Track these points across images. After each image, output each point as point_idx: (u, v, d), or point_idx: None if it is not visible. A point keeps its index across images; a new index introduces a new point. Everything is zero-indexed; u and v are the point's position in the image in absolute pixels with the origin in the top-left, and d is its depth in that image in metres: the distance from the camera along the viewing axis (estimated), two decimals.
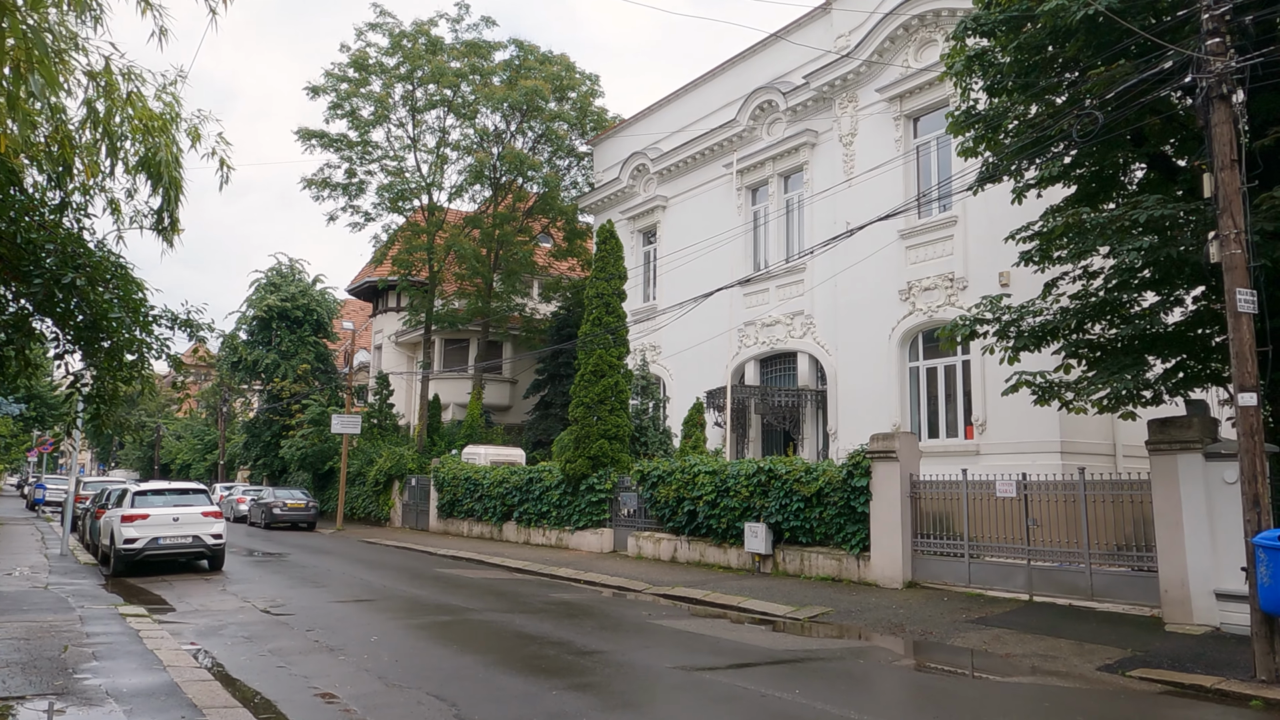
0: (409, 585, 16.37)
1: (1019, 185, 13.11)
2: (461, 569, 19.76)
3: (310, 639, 10.46)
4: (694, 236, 27.57)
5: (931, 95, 21.06)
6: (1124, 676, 9.21)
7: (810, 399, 23.95)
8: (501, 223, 35.11)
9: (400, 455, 33.77)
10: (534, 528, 25.01)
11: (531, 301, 39.51)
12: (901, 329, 21.19)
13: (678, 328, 26.06)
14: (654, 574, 17.77)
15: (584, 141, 36.83)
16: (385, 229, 36.21)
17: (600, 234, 23.83)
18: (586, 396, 22.73)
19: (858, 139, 22.91)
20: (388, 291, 45.38)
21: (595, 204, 33.48)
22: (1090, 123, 10.33)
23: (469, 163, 35.33)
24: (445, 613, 12.80)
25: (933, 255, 20.69)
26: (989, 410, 19.11)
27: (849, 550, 15.83)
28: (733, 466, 18.28)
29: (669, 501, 19.62)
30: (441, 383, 39.56)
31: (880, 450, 15.36)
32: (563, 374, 36.63)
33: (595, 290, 23.50)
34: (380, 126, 34.70)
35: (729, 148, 27.33)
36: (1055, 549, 13.10)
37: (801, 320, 24.37)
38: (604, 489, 22.48)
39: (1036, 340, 12.49)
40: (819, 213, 23.88)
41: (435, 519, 30.32)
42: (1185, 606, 11.28)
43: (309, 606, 13.31)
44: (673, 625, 12.12)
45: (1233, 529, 10.91)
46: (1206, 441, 11.30)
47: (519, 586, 16.56)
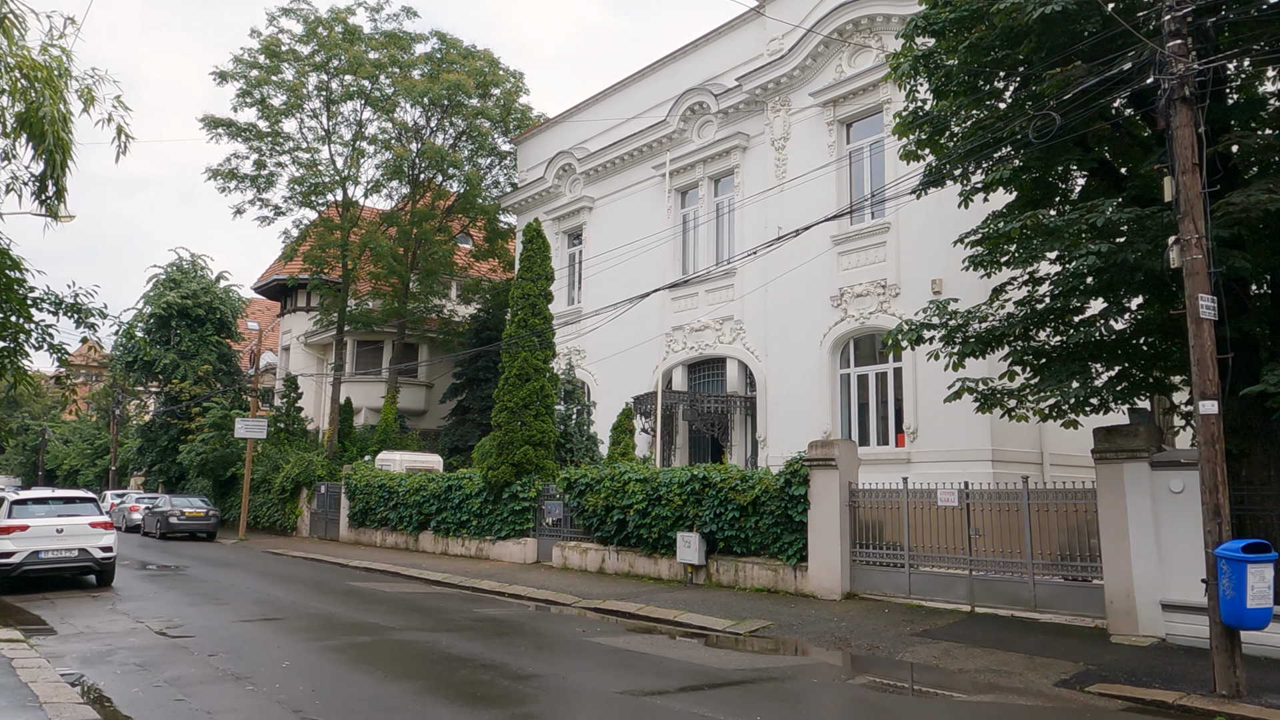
0: (321, 601, 15.27)
1: (966, 189, 12.88)
2: (377, 582, 18.67)
3: (213, 665, 9.42)
4: (622, 239, 26.96)
5: (865, 101, 20.96)
6: (1083, 692, 8.93)
7: (739, 405, 23.58)
8: (420, 220, 33.90)
9: (309, 461, 32.19)
10: (453, 537, 23.97)
11: (450, 303, 38.32)
12: (833, 335, 20.98)
13: (604, 332, 25.39)
14: (582, 586, 17.05)
15: (507, 140, 35.90)
16: (296, 224, 34.62)
17: (527, 232, 23.04)
18: (510, 401, 21.87)
19: (790, 143, 22.68)
20: (297, 290, 43.57)
21: (519, 204, 32.59)
22: (1047, 123, 10.09)
23: (387, 158, 34.04)
24: (364, 632, 11.84)
25: (865, 262, 20.54)
26: (921, 418, 19.00)
27: (786, 561, 15.40)
28: (665, 474, 17.70)
29: (597, 510, 18.92)
30: (354, 386, 38.00)
31: (819, 458, 14.98)
32: (482, 378, 35.60)
33: (521, 291, 22.67)
34: (293, 117, 33.14)
35: (658, 149, 26.84)
36: (998, 559, 12.89)
37: (731, 325, 24.00)
38: (528, 497, 21.64)
39: (983, 346, 12.28)
40: (750, 217, 23.59)
41: (346, 528, 28.92)
42: (1131, 617, 11.15)
43: (211, 627, 12.16)
44: (611, 643, 11.43)
45: (1180, 539, 10.84)
46: (1153, 450, 11.21)
47: (440, 601, 15.62)
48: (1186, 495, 10.80)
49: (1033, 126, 10.28)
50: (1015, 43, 11.56)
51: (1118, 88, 10.08)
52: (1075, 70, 10.34)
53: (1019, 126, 11.13)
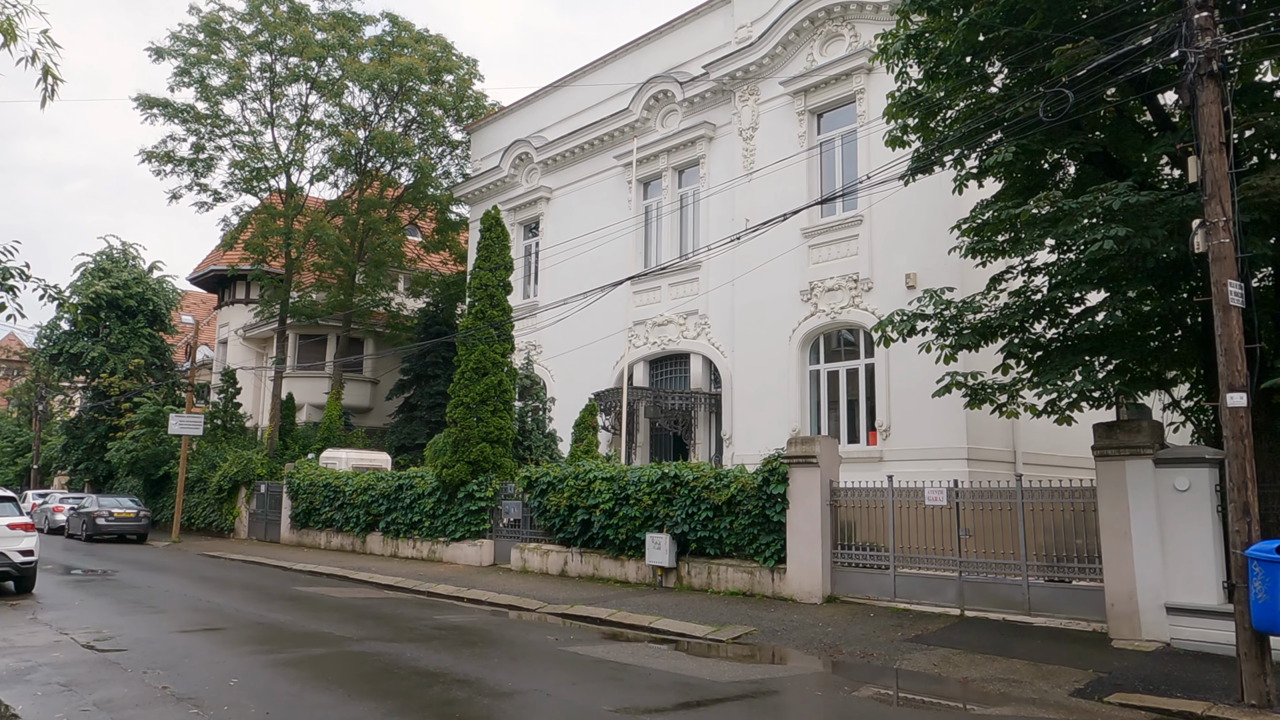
0: (266, 608, 14.14)
1: (961, 174, 12.36)
2: (325, 587, 17.54)
3: (150, 684, 8.36)
4: (581, 230, 26.11)
5: (836, 91, 20.44)
6: (1102, 703, 8.38)
7: (704, 402, 22.90)
8: (368, 209, 32.59)
9: (248, 459, 30.66)
10: (403, 539, 22.86)
11: (398, 296, 36.99)
12: (803, 331, 20.41)
13: (562, 326, 24.48)
14: (545, 590, 16.18)
15: (460, 128, 34.75)
16: (237, 211, 32.99)
17: (485, 220, 22.06)
18: (467, 396, 20.87)
19: (759, 133, 22.08)
20: (235, 282, 41.79)
21: (472, 194, 31.50)
22: (1059, 101, 9.55)
23: (333, 143, 32.61)
24: (317, 643, 10.82)
25: (837, 255, 20.01)
26: (893, 415, 18.52)
27: (762, 563, 14.73)
28: (633, 473, 16.92)
29: (560, 511, 18.05)
30: (296, 381, 36.47)
31: (799, 455, 14.34)
32: (431, 375, 34.42)
33: (478, 281, 21.68)
34: (234, 98, 31.51)
35: (620, 138, 26.05)
36: (990, 561, 12.37)
37: (695, 320, 23.31)
38: (485, 497, 20.66)
39: (979, 338, 11.74)
40: (716, 209, 22.94)
41: (288, 529, 27.54)
42: (1133, 621, 10.68)
43: (146, 639, 11.03)
44: (589, 653, 10.61)
45: (1185, 539, 10.42)
46: (1156, 447, 10.76)
47: (397, 607, 14.61)
48: (1193, 494, 10.38)
49: (1042, 105, 9.72)
50: (1019, 18, 11.05)
51: (1133, 65, 9.57)
52: (1086, 46, 9.82)
53: (1022, 107, 10.60)
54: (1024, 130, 10.80)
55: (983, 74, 11.71)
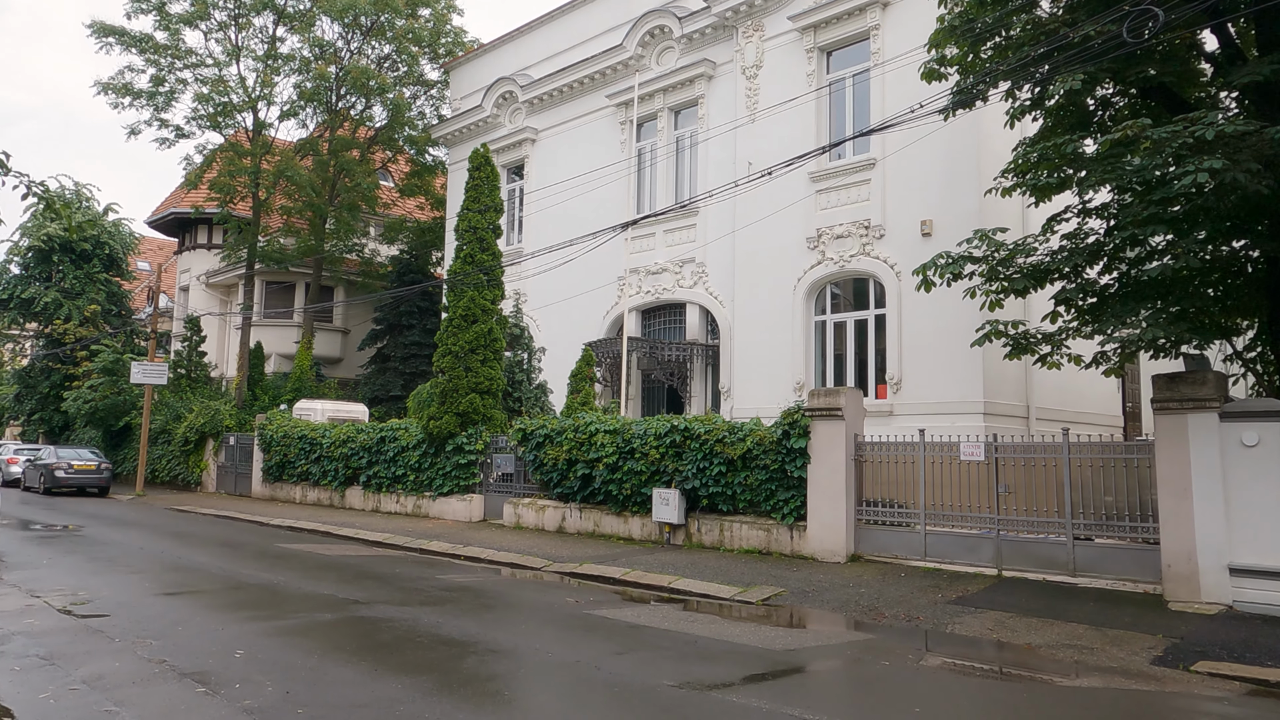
0: (255, 567, 13.17)
1: (1015, 106, 11.49)
2: (311, 544, 16.57)
3: (144, 657, 7.41)
4: (569, 174, 24.97)
5: (848, 27, 19.42)
6: (1190, 672, 7.78)
7: (700, 354, 22.07)
8: (340, 149, 31.00)
9: (216, 410, 29.33)
10: (385, 493, 21.89)
11: (371, 242, 35.51)
12: (809, 279, 19.59)
13: (549, 274, 23.37)
14: (546, 547, 15.37)
15: (437, 66, 33.13)
16: (200, 149, 31.25)
17: (474, 159, 20.83)
18: (455, 345, 19.82)
19: (763, 72, 21.00)
20: (197, 225, 39.96)
21: (450, 135, 30.06)
22: (1149, 19, 8.70)
23: (303, 78, 30.83)
24: (321, 607, 9.91)
25: (847, 200, 19.14)
26: (905, 368, 17.85)
27: (780, 520, 14.02)
28: (638, 425, 16.08)
29: (559, 465, 17.19)
30: (263, 330, 35.01)
31: (823, 408, 13.58)
32: (405, 324, 33.25)
33: (467, 223, 20.51)
34: (195, 27, 29.61)
35: (612, 77, 24.81)
36: (1030, 519, 11.76)
37: (692, 269, 22.39)
38: (475, 450, 19.73)
39: (1033, 282, 10.97)
40: (715, 152, 21.92)
41: (259, 483, 26.40)
42: (1192, 583, 10.13)
43: (128, 602, 10.03)
44: (619, 617, 9.83)
45: (1252, 497, 9.83)
46: (1222, 400, 10.12)
47: (394, 566, 13.71)
48: (1262, 449, 9.78)
49: (1125, 25, 8.86)
50: None
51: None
52: None
53: (1094, 30, 9.73)
54: (1090, 59, 9.95)
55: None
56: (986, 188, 16.83)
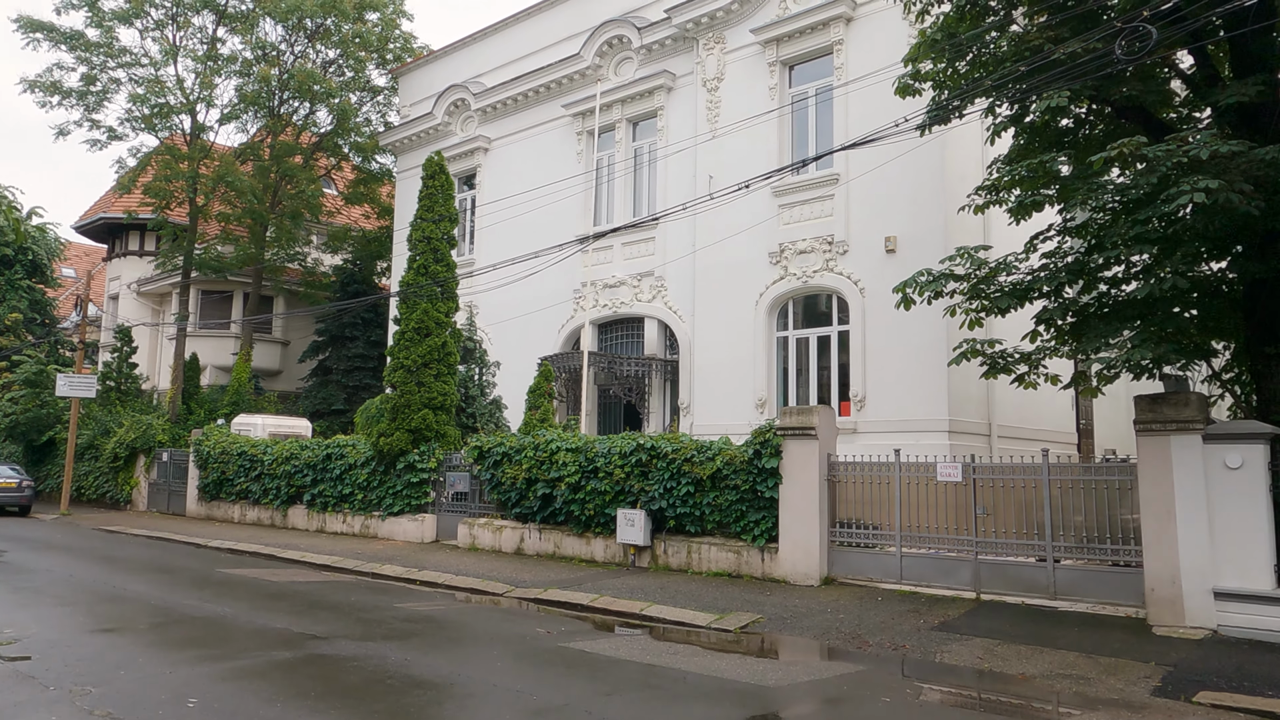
0: (197, 597, 12.33)
1: (996, 122, 11.37)
2: (255, 568, 15.70)
3: (83, 709, 6.68)
4: (523, 184, 24.46)
5: (811, 42, 19.30)
6: (1192, 704, 7.58)
7: (659, 369, 21.69)
8: (283, 154, 29.96)
9: (148, 425, 27.98)
10: (331, 513, 21.00)
11: (314, 251, 34.43)
12: (771, 295, 19.36)
13: (502, 287, 22.76)
14: (506, 571, 14.78)
15: (384, 72, 32.29)
16: (134, 152, 29.92)
17: (428, 167, 20.17)
18: (408, 358, 19.11)
19: (724, 84, 20.79)
20: (128, 231, 38.36)
21: (399, 142, 29.31)
22: (1142, 38, 8.58)
23: (244, 81, 29.74)
24: (278, 643, 9.20)
25: (810, 216, 18.98)
26: (869, 385, 17.70)
27: (751, 541, 13.66)
28: (602, 444, 15.60)
29: (517, 484, 16.61)
30: (199, 341, 33.67)
31: (795, 427, 13.27)
32: (348, 336, 32.30)
33: (420, 233, 19.84)
34: (131, 25, 28.35)
35: (569, 86, 24.38)
36: (1010, 541, 11.57)
37: (651, 282, 22.02)
38: (427, 468, 19.02)
39: (1014, 300, 10.80)
40: (675, 164, 21.60)
41: (195, 501, 25.21)
42: (1176, 607, 10.01)
43: (60, 640, 9.20)
44: (598, 651, 9.33)
45: (1236, 520, 9.76)
46: (1205, 421, 10.05)
47: (348, 594, 12.98)
48: (1245, 472, 9.72)
49: (1119, 42, 8.74)
50: None
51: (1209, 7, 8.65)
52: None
53: (1081, 48, 9.62)
54: (1076, 77, 9.84)
55: (1034, 8, 10.70)
56: (953, 204, 16.90)
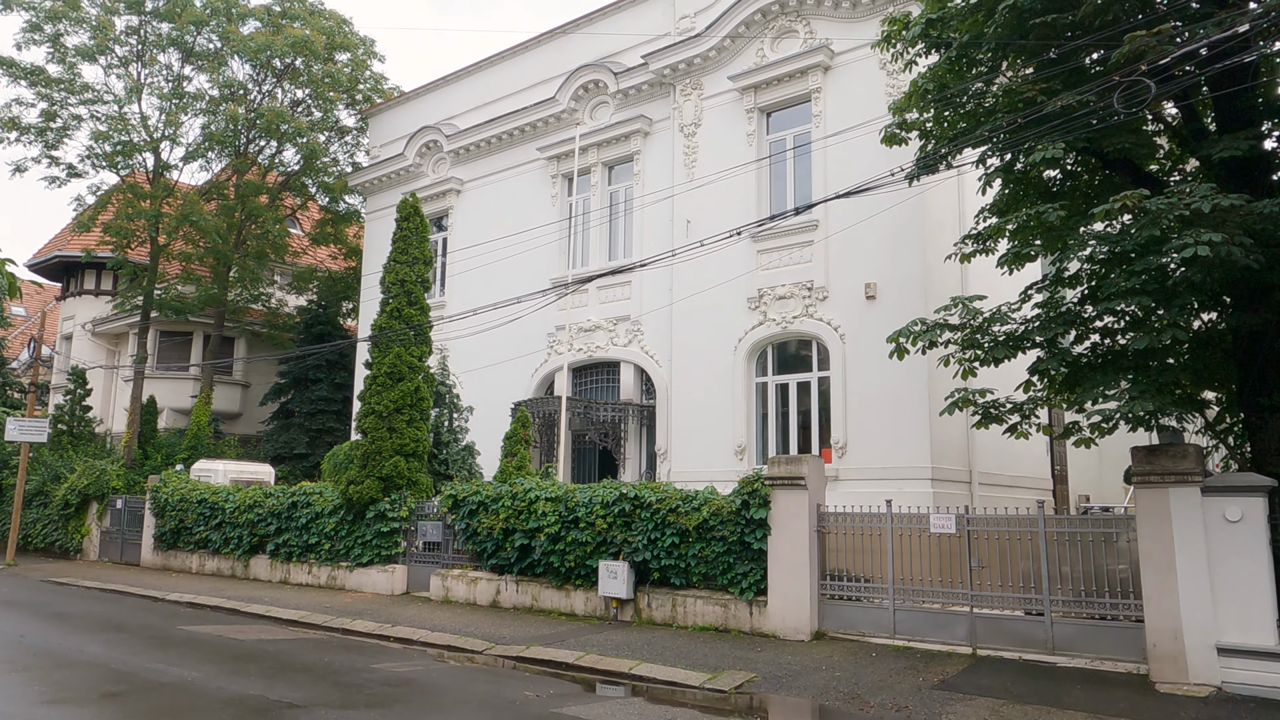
0: (160, 659, 11.66)
1: (988, 172, 11.37)
2: (219, 625, 14.98)
3: None
4: (496, 226, 24.28)
5: (789, 89, 19.39)
6: None
7: (635, 414, 21.38)
8: (249, 193, 29.45)
9: (101, 470, 26.99)
10: (296, 563, 20.25)
11: (278, 292, 33.78)
12: (750, 340, 19.22)
13: (474, 329, 22.37)
14: (483, 626, 14.26)
15: (353, 113, 32.03)
16: (94, 190, 29.16)
17: (402, 209, 19.85)
18: (379, 404, 18.61)
19: (702, 130, 20.81)
20: (84, 270, 37.41)
21: (369, 183, 28.97)
22: (1141, 91, 8.61)
23: (210, 120, 29.25)
24: (254, 714, 8.63)
25: (789, 261, 18.92)
26: (850, 432, 17.54)
27: (739, 595, 13.31)
28: (583, 493, 15.21)
29: (494, 534, 16.13)
30: (156, 384, 32.69)
31: (784, 477, 13.03)
32: (311, 378, 31.58)
33: (394, 275, 19.46)
34: (94, 62, 27.80)
35: (544, 129, 24.29)
36: (1006, 595, 11.37)
37: (627, 326, 21.79)
38: (399, 517, 18.44)
39: (1009, 350, 10.72)
40: (652, 208, 21.51)
41: (150, 551, 24.23)
42: (1179, 663, 9.85)
43: (9, 715, 8.55)
44: (590, 716, 8.90)
45: (1237, 574, 9.65)
46: (1202, 473, 9.98)
47: (320, 653, 12.38)
48: (1245, 525, 9.64)
49: (1117, 95, 8.76)
50: (1063, 6, 10.14)
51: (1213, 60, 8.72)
52: (1160, 37, 8.92)
53: (1077, 100, 9.65)
54: (1073, 130, 9.87)
55: (1019, 62, 10.78)
56: (932, 251, 17.04)
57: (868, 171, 16.70)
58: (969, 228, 16.90)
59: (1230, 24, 8.50)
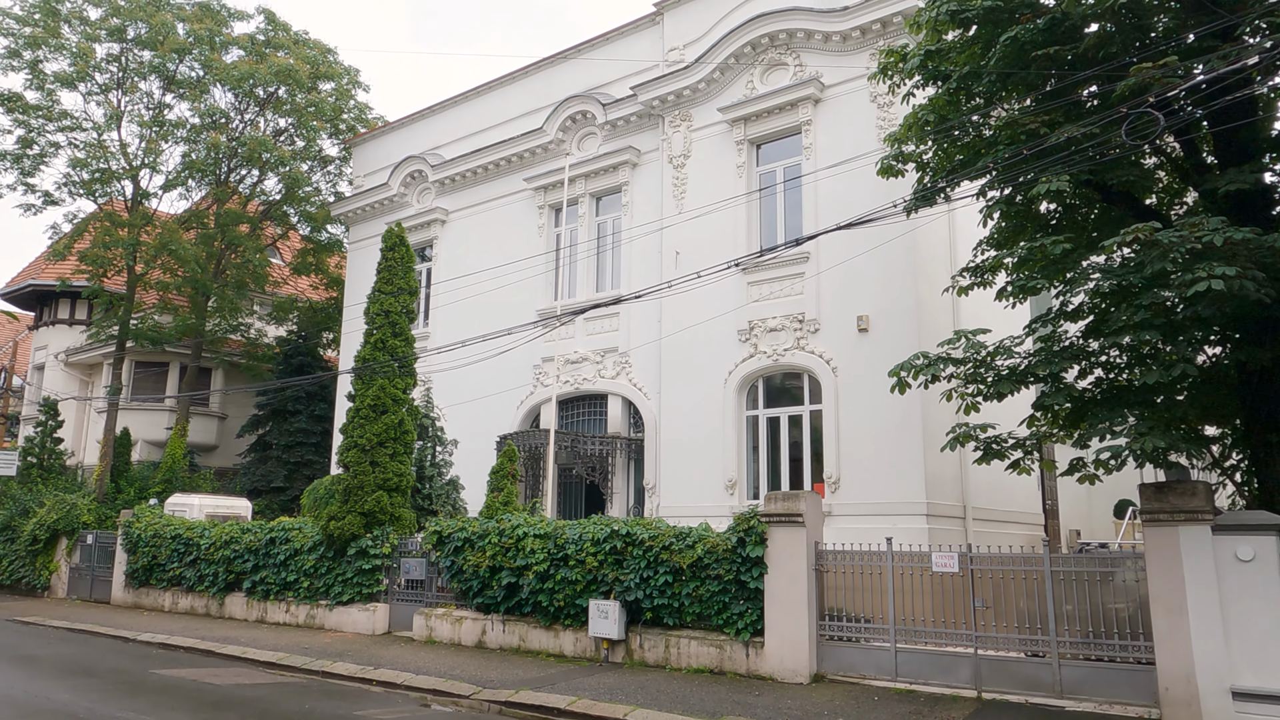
0: (133, 708, 11.12)
1: (990, 202, 11.24)
2: (193, 668, 14.40)
3: None
4: (481, 256, 24.05)
5: (780, 121, 19.34)
6: None
7: (623, 448, 21.03)
8: (230, 222, 29.04)
9: (72, 505, 26.24)
10: (273, 601, 19.65)
11: (258, 321, 33.27)
12: (741, 373, 18.98)
13: (458, 360, 21.95)
14: (469, 668, 13.78)
15: (338, 142, 31.77)
16: (70, 218, 28.68)
17: (387, 239, 19.54)
18: (362, 437, 18.17)
19: (691, 161, 20.70)
20: (58, 299, 36.73)
21: (352, 213, 28.66)
22: (1148, 123, 8.51)
23: (190, 147, 28.89)
24: None
25: (780, 293, 18.75)
26: (843, 466, 17.29)
27: (735, 635, 12.94)
28: (573, 529, 14.83)
29: (480, 572, 15.69)
30: (130, 415, 31.99)
31: (781, 513, 12.73)
32: (290, 410, 31.02)
33: (379, 306, 19.10)
34: (74, 89, 27.44)
35: (531, 160, 24.13)
36: (1011, 636, 11.08)
37: (615, 358, 21.51)
38: (381, 553, 17.94)
39: (1013, 385, 10.52)
40: (640, 238, 21.32)
41: (121, 588, 23.50)
42: (1192, 707, 9.57)
43: None
44: None
45: (1250, 615, 9.42)
46: (1213, 511, 9.78)
47: (302, 699, 11.88)
48: (1258, 564, 9.43)
49: (1124, 127, 8.65)
50: (1064, 38, 10.08)
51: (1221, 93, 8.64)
52: (1165, 69, 8.83)
53: (1079, 134, 9.54)
54: (1075, 163, 9.76)
55: (1015, 96, 10.70)
56: (924, 283, 16.99)
57: (859, 203, 16.65)
58: (960, 259, 16.92)
59: (1237, 57, 8.42)
